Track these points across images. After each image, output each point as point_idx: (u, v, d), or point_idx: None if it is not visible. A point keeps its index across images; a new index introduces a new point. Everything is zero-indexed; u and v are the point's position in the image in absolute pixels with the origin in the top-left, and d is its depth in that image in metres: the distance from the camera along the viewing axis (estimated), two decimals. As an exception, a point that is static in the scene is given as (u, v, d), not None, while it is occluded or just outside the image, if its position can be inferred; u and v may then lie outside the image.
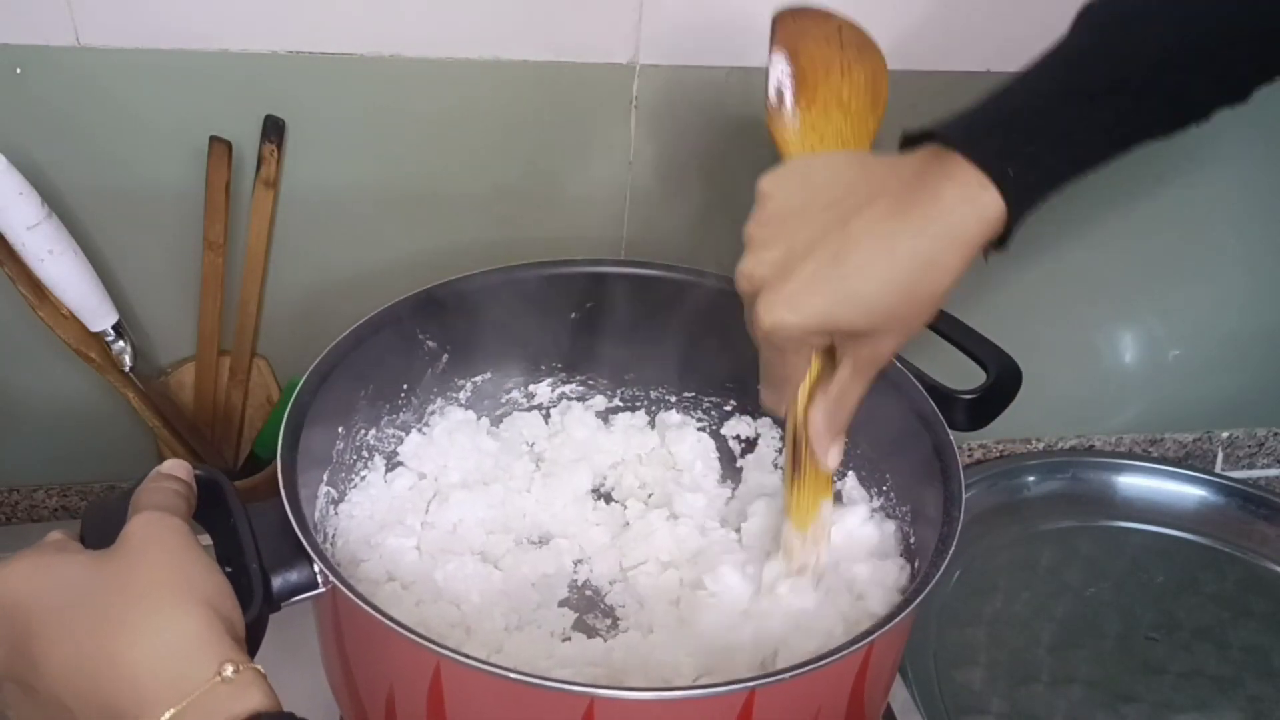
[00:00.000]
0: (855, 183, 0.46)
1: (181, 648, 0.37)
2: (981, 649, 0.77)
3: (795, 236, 0.45)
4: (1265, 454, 1.02)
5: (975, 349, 0.60)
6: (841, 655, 0.44)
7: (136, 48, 0.61)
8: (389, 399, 0.66)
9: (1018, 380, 0.57)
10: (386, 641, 0.46)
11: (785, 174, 0.48)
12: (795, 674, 0.43)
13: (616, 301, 0.68)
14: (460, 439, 0.68)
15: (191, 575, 0.40)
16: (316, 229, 0.70)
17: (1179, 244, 0.86)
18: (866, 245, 0.44)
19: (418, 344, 0.65)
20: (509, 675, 0.42)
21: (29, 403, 0.73)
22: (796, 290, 0.44)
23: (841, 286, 0.44)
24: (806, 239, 0.44)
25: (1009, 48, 0.72)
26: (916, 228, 0.43)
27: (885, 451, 0.63)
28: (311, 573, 0.46)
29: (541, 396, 0.73)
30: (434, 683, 0.45)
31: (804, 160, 0.49)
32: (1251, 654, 0.78)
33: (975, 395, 0.57)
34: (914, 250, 0.43)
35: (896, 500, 0.63)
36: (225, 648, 0.38)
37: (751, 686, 0.43)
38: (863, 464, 0.66)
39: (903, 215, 0.43)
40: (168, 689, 0.36)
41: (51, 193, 0.63)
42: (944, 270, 0.44)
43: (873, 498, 0.65)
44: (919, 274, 0.44)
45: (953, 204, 0.43)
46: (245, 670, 0.37)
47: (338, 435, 0.60)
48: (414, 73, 0.65)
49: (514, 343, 0.69)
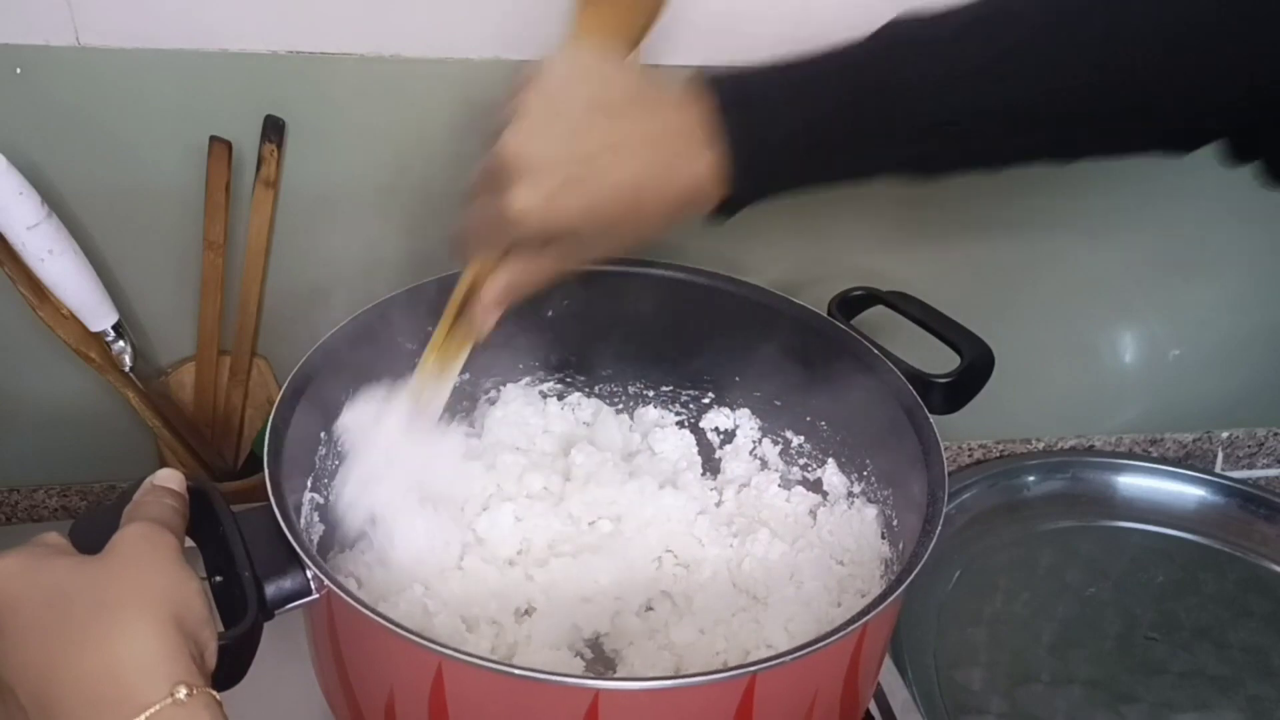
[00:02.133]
0: (622, 93, 0.48)
1: (138, 664, 0.37)
2: (981, 649, 0.77)
3: (562, 128, 0.47)
4: (1265, 454, 1.02)
5: (948, 334, 0.62)
6: (838, 637, 0.45)
7: (136, 48, 0.61)
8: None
9: (990, 363, 0.59)
10: (386, 644, 0.45)
11: (570, 60, 0.50)
12: (795, 657, 0.43)
13: (593, 298, 0.68)
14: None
15: (167, 591, 0.39)
16: (316, 229, 0.70)
17: (1179, 244, 0.86)
18: (617, 161, 0.47)
19: (397, 346, 0.65)
20: (513, 672, 0.42)
21: (29, 403, 0.73)
22: (558, 190, 0.47)
23: (594, 196, 0.47)
24: (572, 136, 0.47)
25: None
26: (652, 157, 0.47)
27: (865, 437, 0.64)
28: (305, 579, 0.46)
29: (518, 395, 0.72)
30: (436, 684, 0.44)
31: (588, 55, 0.51)
32: (1251, 654, 0.78)
33: (950, 378, 0.58)
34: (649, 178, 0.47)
35: (877, 485, 0.64)
36: (181, 668, 0.37)
37: (753, 671, 0.43)
38: (842, 450, 0.67)
39: (648, 144, 0.47)
40: (118, 704, 0.36)
41: (51, 193, 0.63)
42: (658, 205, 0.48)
43: (853, 483, 0.66)
44: (646, 200, 0.48)
45: (679, 151, 0.47)
46: (199, 694, 0.37)
47: (320, 441, 0.60)
48: (414, 73, 0.65)
49: (503, 343, 0.69)
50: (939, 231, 0.79)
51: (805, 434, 0.69)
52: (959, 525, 0.86)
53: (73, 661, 0.37)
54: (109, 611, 0.38)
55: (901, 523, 0.60)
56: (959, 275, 0.81)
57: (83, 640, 0.37)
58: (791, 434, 0.70)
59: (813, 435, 0.69)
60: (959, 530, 0.86)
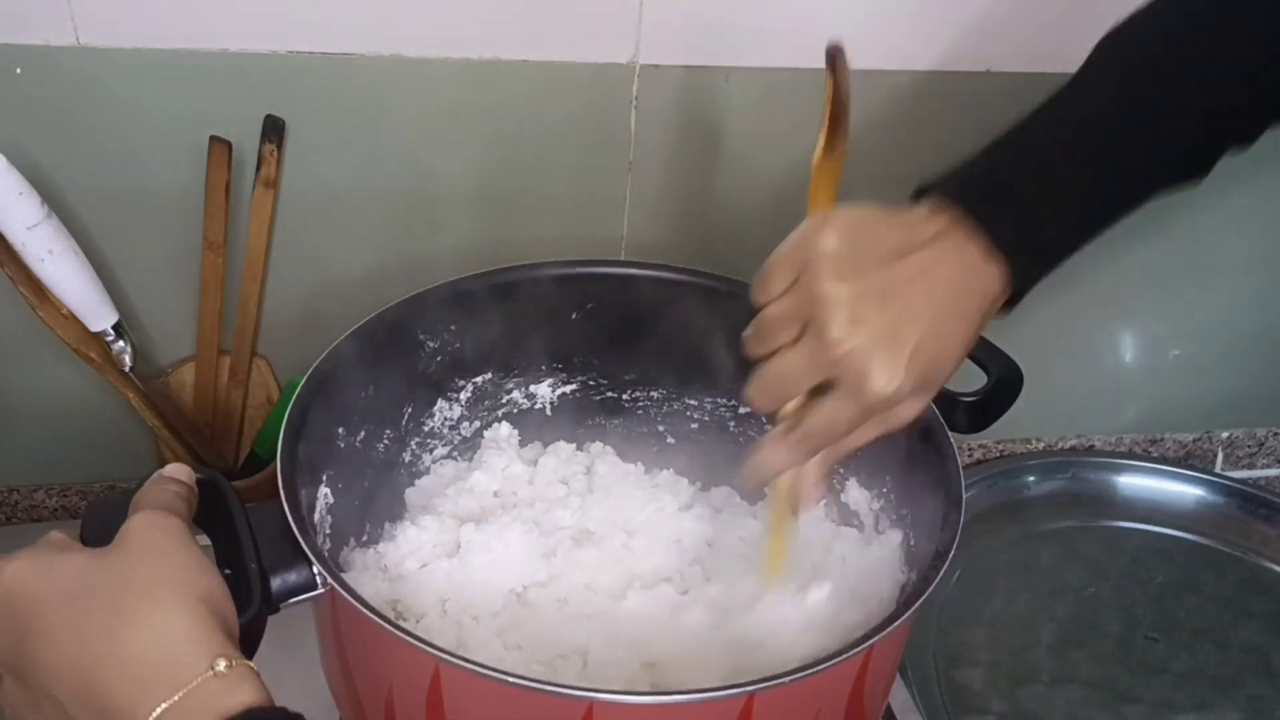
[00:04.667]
0: (891, 240, 0.45)
1: (174, 643, 0.38)
2: (981, 649, 0.77)
3: (876, 298, 0.43)
4: (1265, 454, 1.02)
5: (976, 351, 0.59)
6: (841, 659, 0.44)
7: (136, 47, 0.61)
8: (391, 401, 0.65)
9: (1019, 382, 0.57)
10: (385, 644, 0.46)
11: (841, 227, 0.45)
12: (794, 678, 0.43)
13: (616, 301, 0.68)
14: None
15: (187, 573, 0.40)
16: (317, 229, 0.70)
17: (1179, 245, 0.85)
18: (928, 306, 0.44)
19: (418, 344, 0.65)
20: (509, 680, 0.42)
21: (29, 403, 0.73)
22: (906, 356, 0.43)
23: (934, 353, 0.44)
24: (885, 301, 0.43)
25: (1009, 49, 0.72)
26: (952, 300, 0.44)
27: (885, 456, 0.63)
28: (310, 574, 0.46)
29: (542, 397, 0.73)
30: (433, 686, 0.45)
31: (851, 213, 0.46)
32: (1251, 654, 0.78)
33: (976, 398, 0.56)
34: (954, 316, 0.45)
35: (896, 503, 0.63)
36: (218, 643, 0.38)
37: (750, 691, 0.42)
38: (862, 468, 0.66)
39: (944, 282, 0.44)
40: (160, 684, 0.37)
41: (51, 193, 0.63)
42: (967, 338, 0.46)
43: (874, 500, 0.65)
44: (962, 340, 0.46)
45: (963, 278, 0.45)
46: (238, 665, 0.38)
47: (337, 436, 0.60)
48: (414, 73, 0.65)
49: (514, 343, 0.69)
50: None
51: None
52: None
53: (112, 649, 0.37)
54: (137, 596, 0.39)
55: (918, 542, 0.58)
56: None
57: (118, 626, 0.38)
58: None
59: None
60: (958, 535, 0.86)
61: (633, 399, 0.73)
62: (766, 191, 0.74)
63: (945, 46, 0.71)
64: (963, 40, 0.71)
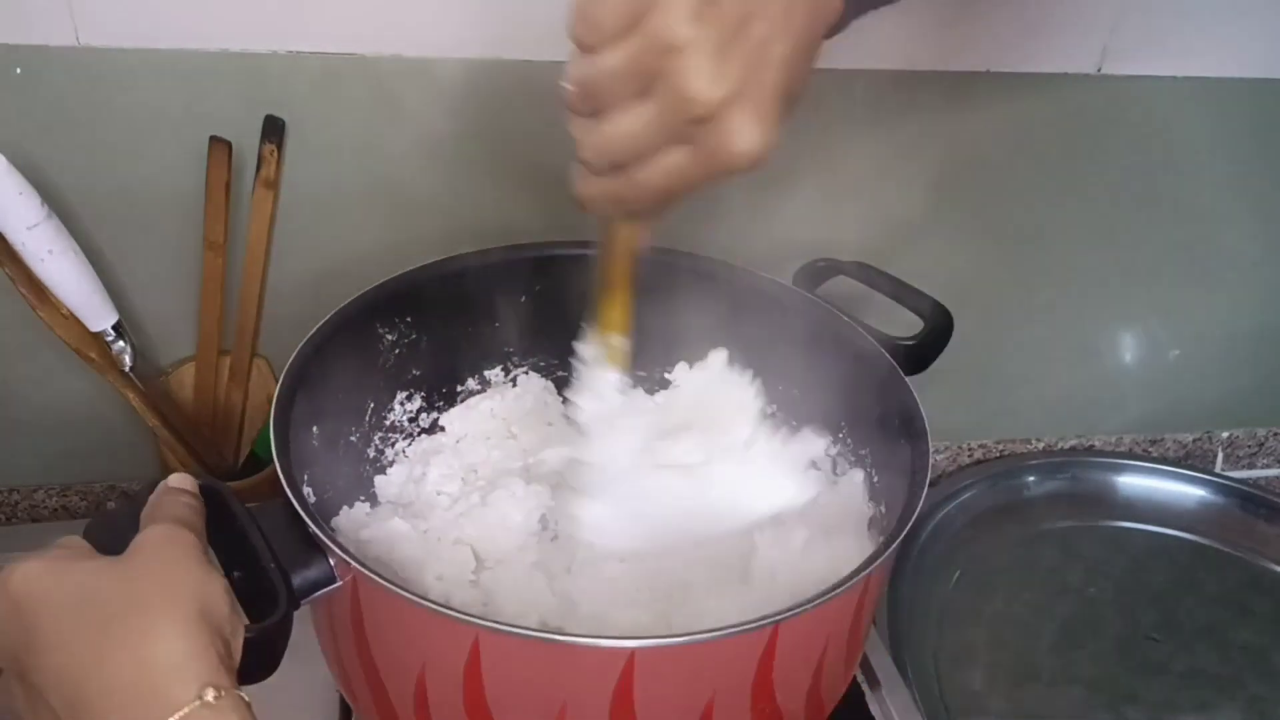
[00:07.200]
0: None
1: (167, 665, 0.37)
2: (981, 649, 0.77)
3: (737, 40, 0.36)
4: (1265, 454, 1.02)
5: (910, 300, 0.65)
6: (850, 584, 0.47)
7: (136, 47, 0.61)
8: (363, 394, 0.66)
9: (949, 325, 0.62)
10: (420, 622, 0.46)
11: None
12: (815, 604, 0.46)
13: (566, 282, 0.68)
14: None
15: (193, 590, 0.40)
16: (317, 229, 0.70)
17: (1179, 244, 0.86)
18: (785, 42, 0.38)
19: (377, 338, 0.65)
20: (554, 639, 0.43)
21: (29, 403, 0.73)
22: (771, 107, 0.37)
23: (792, 96, 0.38)
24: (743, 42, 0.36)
25: (1009, 48, 0.72)
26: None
27: (841, 400, 0.66)
28: (328, 567, 0.47)
29: (495, 380, 0.72)
30: (472, 657, 0.45)
31: None
32: (1252, 654, 0.78)
33: (914, 341, 0.61)
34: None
35: (854, 445, 0.65)
36: (210, 670, 0.37)
37: (776, 620, 0.45)
38: (817, 414, 0.67)
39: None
40: (148, 707, 0.36)
41: (51, 193, 0.63)
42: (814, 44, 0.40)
43: (831, 445, 0.67)
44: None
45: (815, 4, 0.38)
46: (228, 696, 0.37)
47: (313, 434, 0.60)
48: (414, 73, 0.65)
49: (469, 330, 0.69)
50: (941, 232, 0.79)
51: (779, 402, 0.68)
52: (959, 525, 0.86)
53: (104, 664, 0.37)
54: (137, 612, 0.38)
55: (883, 481, 0.62)
56: (961, 276, 0.81)
57: (112, 643, 0.37)
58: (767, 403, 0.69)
59: (786, 403, 0.68)
60: (959, 530, 0.86)
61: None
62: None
63: (944, 46, 0.71)
64: (962, 40, 0.72)
